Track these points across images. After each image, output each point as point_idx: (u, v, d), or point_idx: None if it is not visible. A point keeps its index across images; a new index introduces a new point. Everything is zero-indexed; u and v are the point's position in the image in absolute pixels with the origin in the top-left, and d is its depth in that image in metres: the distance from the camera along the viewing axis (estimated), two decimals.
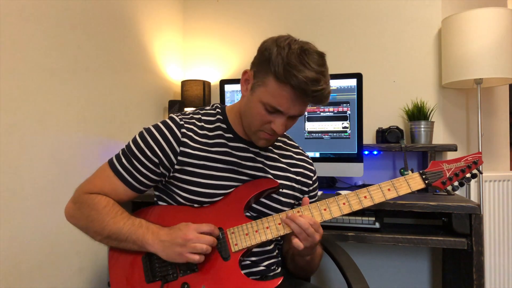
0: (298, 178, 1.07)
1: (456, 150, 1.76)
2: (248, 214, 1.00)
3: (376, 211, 1.38)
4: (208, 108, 1.06)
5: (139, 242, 0.91)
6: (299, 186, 1.08)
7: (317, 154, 1.68)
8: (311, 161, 1.14)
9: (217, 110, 1.05)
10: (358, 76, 1.64)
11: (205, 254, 0.88)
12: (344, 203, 0.93)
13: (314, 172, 1.12)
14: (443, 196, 1.47)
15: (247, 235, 0.93)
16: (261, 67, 0.89)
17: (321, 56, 0.89)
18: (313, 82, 0.84)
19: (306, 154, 1.14)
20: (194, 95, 2.07)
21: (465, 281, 1.37)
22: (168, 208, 1.00)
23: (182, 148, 0.96)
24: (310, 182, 1.10)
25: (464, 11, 1.71)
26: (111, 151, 1.60)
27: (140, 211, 1.02)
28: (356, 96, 1.64)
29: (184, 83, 2.11)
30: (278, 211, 1.00)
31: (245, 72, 0.95)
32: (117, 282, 0.96)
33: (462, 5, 1.96)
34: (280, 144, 1.10)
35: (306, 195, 1.09)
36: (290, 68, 0.83)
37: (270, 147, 1.06)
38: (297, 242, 0.90)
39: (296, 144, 1.15)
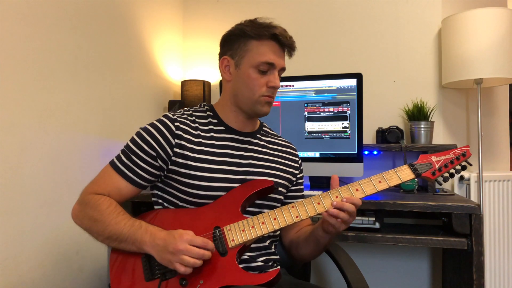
0: (286, 162, 1.15)
1: None
2: (245, 214, 1.02)
3: (376, 211, 1.38)
4: (196, 107, 1.13)
5: (138, 244, 0.93)
6: (291, 170, 1.16)
7: (317, 154, 1.68)
8: (294, 146, 1.23)
9: (206, 107, 1.12)
10: (358, 76, 1.64)
11: (193, 267, 0.88)
12: (336, 196, 0.96)
13: (298, 156, 1.21)
14: (443, 196, 1.47)
15: (244, 231, 0.95)
16: (237, 44, 1.03)
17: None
18: (285, 31, 1.02)
19: (287, 140, 1.23)
20: (194, 95, 2.07)
21: (465, 281, 1.37)
22: (168, 211, 1.03)
23: (177, 141, 1.01)
24: (297, 165, 1.19)
25: (464, 11, 1.71)
26: (111, 151, 1.60)
27: (141, 216, 1.03)
28: (356, 96, 1.64)
29: (184, 83, 2.11)
30: (273, 207, 1.06)
31: (223, 59, 1.07)
32: (117, 282, 0.97)
33: (462, 5, 1.95)
34: (264, 132, 1.18)
35: (294, 180, 1.18)
36: (264, 26, 1.00)
37: (259, 135, 1.13)
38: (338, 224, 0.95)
39: (276, 133, 1.23)
